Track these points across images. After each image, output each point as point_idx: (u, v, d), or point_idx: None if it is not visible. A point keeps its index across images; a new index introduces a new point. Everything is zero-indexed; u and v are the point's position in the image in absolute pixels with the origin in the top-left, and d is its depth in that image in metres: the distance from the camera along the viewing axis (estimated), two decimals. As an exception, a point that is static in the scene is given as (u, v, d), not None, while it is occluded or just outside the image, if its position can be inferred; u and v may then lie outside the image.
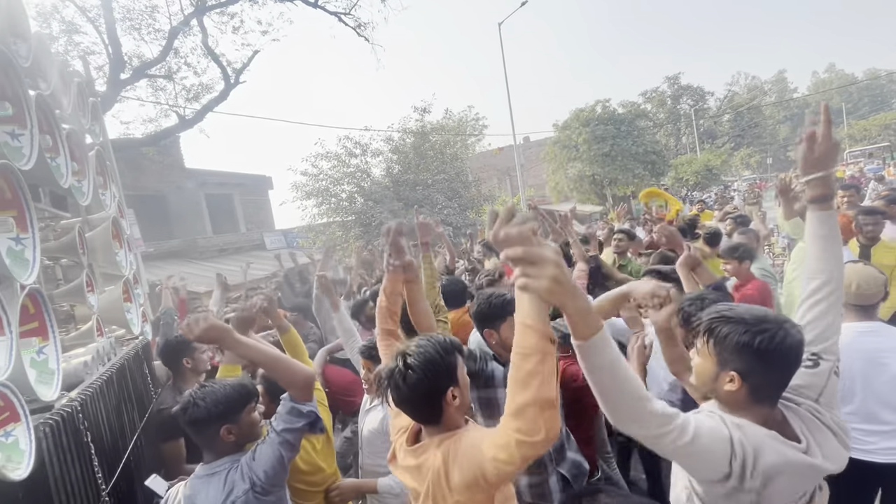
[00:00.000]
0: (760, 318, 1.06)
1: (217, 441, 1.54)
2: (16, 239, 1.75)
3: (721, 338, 1.08)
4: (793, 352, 1.04)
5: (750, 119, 40.15)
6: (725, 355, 1.07)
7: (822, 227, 1.18)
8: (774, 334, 1.02)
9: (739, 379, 1.06)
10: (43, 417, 1.60)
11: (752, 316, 1.07)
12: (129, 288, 3.24)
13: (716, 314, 1.11)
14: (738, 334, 1.05)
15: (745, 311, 1.09)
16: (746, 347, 1.04)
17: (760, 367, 1.04)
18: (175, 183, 14.96)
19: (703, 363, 1.13)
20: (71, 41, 9.75)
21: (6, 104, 1.82)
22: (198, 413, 1.50)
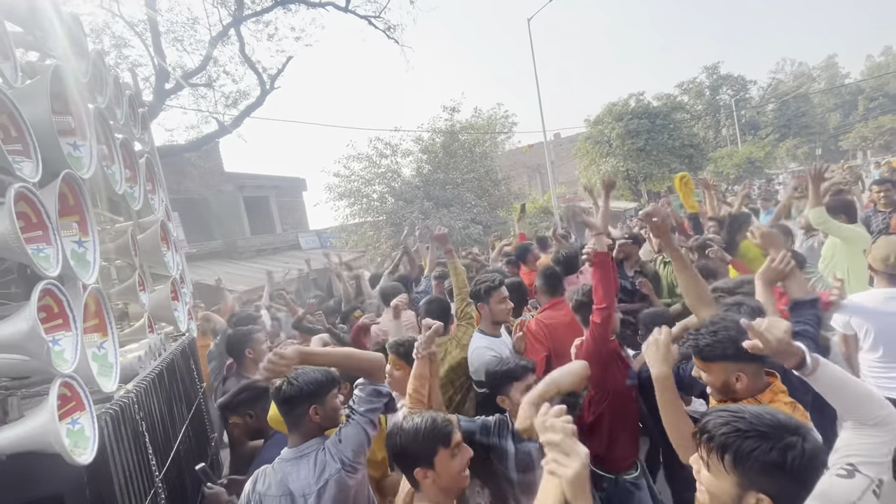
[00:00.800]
0: (779, 427, 0.95)
1: (305, 420, 1.66)
2: (78, 242, 1.89)
3: (744, 456, 0.94)
4: (819, 460, 0.96)
5: (797, 108, 37.93)
6: (751, 476, 0.94)
7: (824, 384, 1.15)
8: (803, 448, 0.93)
9: (770, 501, 0.94)
10: (104, 407, 1.73)
11: (768, 425, 0.95)
12: (177, 287, 3.43)
13: (727, 427, 0.97)
14: (764, 452, 0.93)
15: (757, 418, 0.97)
16: (777, 468, 0.92)
17: (792, 486, 0.94)
18: (215, 186, 15.63)
19: (720, 484, 0.98)
20: (120, 55, 10.37)
21: (69, 118, 1.97)
22: (291, 391, 1.64)
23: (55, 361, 1.45)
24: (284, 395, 1.64)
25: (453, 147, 15.13)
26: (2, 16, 1.67)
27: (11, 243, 1.34)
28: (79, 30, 2.40)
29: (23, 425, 1.40)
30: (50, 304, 1.54)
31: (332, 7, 11.02)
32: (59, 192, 1.73)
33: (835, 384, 1.13)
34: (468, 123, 17.66)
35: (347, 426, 1.63)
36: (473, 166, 15.01)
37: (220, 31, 10.37)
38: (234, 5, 10.24)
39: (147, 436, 2.03)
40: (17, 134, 1.56)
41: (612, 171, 21.01)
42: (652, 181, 20.75)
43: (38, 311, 1.42)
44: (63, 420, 1.47)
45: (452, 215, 13.49)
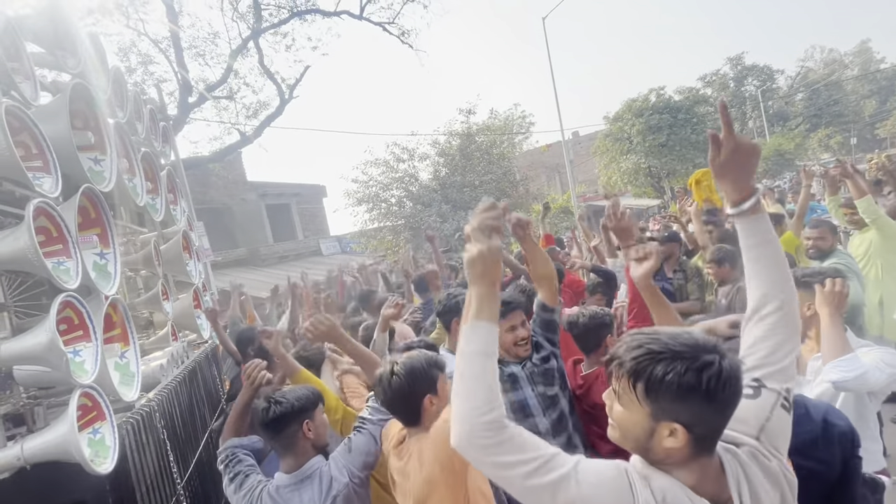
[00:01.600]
0: (694, 346, 0.84)
1: (298, 439, 1.56)
2: (100, 254, 1.94)
3: (656, 382, 0.82)
4: (739, 383, 0.84)
5: (828, 96, 36.42)
6: (664, 404, 0.83)
7: (748, 236, 1.01)
8: (720, 366, 0.81)
9: (685, 432, 0.83)
10: (125, 416, 1.77)
11: (683, 345, 0.84)
12: (199, 295, 3.50)
13: (639, 349, 0.85)
14: (678, 374, 0.81)
15: (672, 337, 0.85)
16: (692, 390, 0.80)
17: (710, 412, 0.83)
18: (239, 195, 16.03)
19: (630, 416, 0.87)
20: (147, 71, 10.76)
21: (89, 134, 2.03)
22: (282, 409, 1.54)
23: (75, 372, 1.48)
24: (275, 414, 1.53)
25: (470, 149, 15.09)
26: (23, 38, 1.72)
27: (31, 257, 1.37)
28: (99, 48, 2.47)
29: (45, 435, 1.43)
30: (70, 316, 1.58)
31: (347, 15, 11.18)
32: (79, 206, 1.78)
33: (767, 237, 1.00)
34: (484, 125, 17.59)
35: (358, 435, 1.60)
36: (491, 168, 14.93)
37: (240, 44, 10.66)
38: (253, 18, 10.51)
39: (169, 443, 2.06)
40: (38, 151, 1.61)
41: (633, 168, 20.60)
42: (675, 177, 20.22)
43: (58, 323, 1.45)
44: (84, 430, 1.50)
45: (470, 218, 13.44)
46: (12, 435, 1.61)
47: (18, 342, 1.44)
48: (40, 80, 1.93)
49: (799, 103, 37.84)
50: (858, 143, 33.95)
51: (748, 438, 0.90)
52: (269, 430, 1.57)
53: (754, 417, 0.91)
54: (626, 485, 0.85)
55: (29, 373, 1.68)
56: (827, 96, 36.41)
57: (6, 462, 1.41)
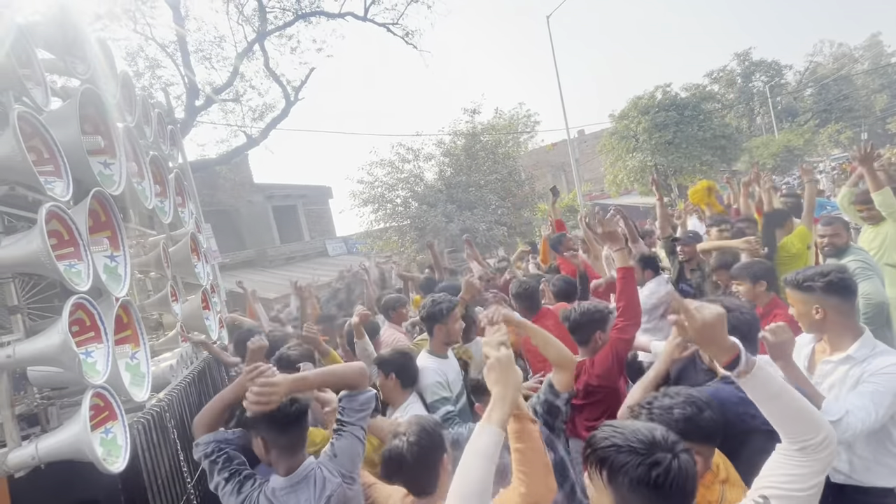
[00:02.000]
0: (651, 443, 0.93)
1: (303, 441, 1.57)
2: (110, 257, 1.97)
3: (615, 472, 0.92)
4: (689, 484, 0.92)
5: (838, 91, 35.92)
6: (623, 493, 0.92)
7: (752, 394, 1.03)
8: (670, 465, 0.90)
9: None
10: (136, 416, 1.79)
11: (641, 441, 0.93)
12: (207, 297, 3.53)
13: (605, 441, 0.96)
14: (632, 468, 0.90)
15: (633, 433, 0.95)
16: (642, 484, 0.89)
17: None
18: (246, 197, 16.15)
19: (600, 498, 0.97)
20: (154, 75, 10.89)
21: (98, 138, 2.06)
22: (300, 408, 1.53)
23: (87, 373, 1.51)
24: (297, 411, 1.52)
25: (475, 149, 15.09)
26: (34, 45, 1.76)
27: (43, 260, 1.40)
28: (108, 54, 2.51)
29: (59, 435, 1.46)
30: (82, 318, 1.61)
31: (352, 17, 11.22)
32: (90, 209, 1.81)
33: (770, 392, 1.01)
34: (489, 124, 17.60)
35: (340, 439, 1.56)
36: (496, 167, 14.93)
37: (246, 47, 10.73)
38: (258, 21, 10.58)
39: (179, 443, 2.09)
40: (49, 155, 1.63)
41: (639, 166, 20.47)
42: (682, 175, 20.07)
43: (70, 324, 1.48)
44: (96, 429, 1.53)
45: (476, 217, 13.45)
46: (27, 435, 1.64)
47: (32, 343, 1.47)
48: (51, 85, 1.97)
49: (808, 99, 37.39)
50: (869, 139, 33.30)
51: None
52: (281, 427, 1.52)
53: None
54: None
55: (42, 374, 1.72)
56: (836, 91, 35.94)
57: (21, 461, 1.43)
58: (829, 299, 1.68)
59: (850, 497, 1.68)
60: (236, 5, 10.49)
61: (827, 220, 3.19)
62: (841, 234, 3.02)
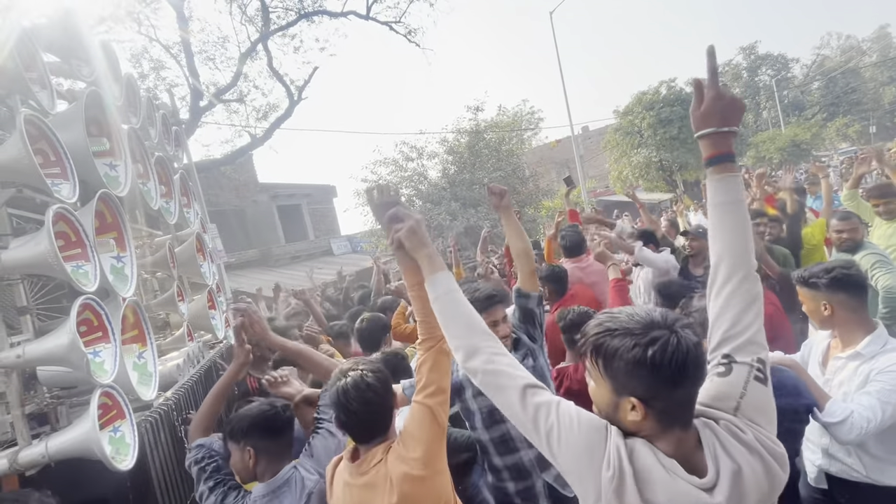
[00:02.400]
0: (647, 324, 0.86)
1: (290, 446, 1.60)
2: (117, 257, 1.99)
3: (610, 357, 0.87)
4: (691, 358, 0.84)
5: (846, 84, 35.56)
6: (620, 378, 0.87)
7: (717, 193, 1.00)
8: (667, 341, 0.83)
9: (642, 406, 0.86)
10: (144, 415, 1.81)
11: (637, 322, 0.87)
12: (213, 296, 3.56)
13: (599, 326, 0.90)
14: (626, 349, 0.85)
15: (629, 316, 0.89)
16: (640, 366, 0.83)
17: (662, 387, 0.84)
18: (250, 197, 16.23)
19: (599, 391, 0.93)
20: (159, 77, 10.95)
21: (104, 140, 2.08)
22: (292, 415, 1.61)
23: (95, 372, 1.52)
24: (289, 418, 1.59)
25: (478, 147, 15.08)
26: (39, 48, 1.77)
27: (51, 261, 1.42)
28: (112, 56, 2.53)
29: (68, 433, 1.48)
30: (90, 318, 1.63)
31: (354, 16, 11.23)
32: (96, 211, 1.82)
33: (738, 196, 1.00)
34: (493, 122, 17.56)
35: (316, 437, 1.58)
36: (500, 165, 14.91)
37: (249, 47, 10.77)
38: (261, 21, 10.61)
39: (186, 441, 2.11)
40: (56, 158, 1.65)
41: (644, 161, 20.36)
42: (687, 170, 19.95)
43: (78, 324, 1.50)
44: (105, 428, 1.55)
45: (480, 215, 13.45)
46: (37, 433, 1.67)
47: (41, 344, 1.49)
48: (56, 88, 1.99)
49: (815, 92, 37.03)
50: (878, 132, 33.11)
51: (724, 414, 0.91)
52: (276, 433, 1.55)
53: (728, 394, 0.92)
54: (602, 427, 0.90)
55: (51, 373, 1.74)
56: (844, 84, 35.57)
57: (31, 459, 1.46)
58: (836, 295, 1.68)
59: (865, 496, 1.66)
60: (239, 6, 10.54)
61: (843, 215, 3.15)
62: (858, 229, 3.00)
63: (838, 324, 1.72)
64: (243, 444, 1.52)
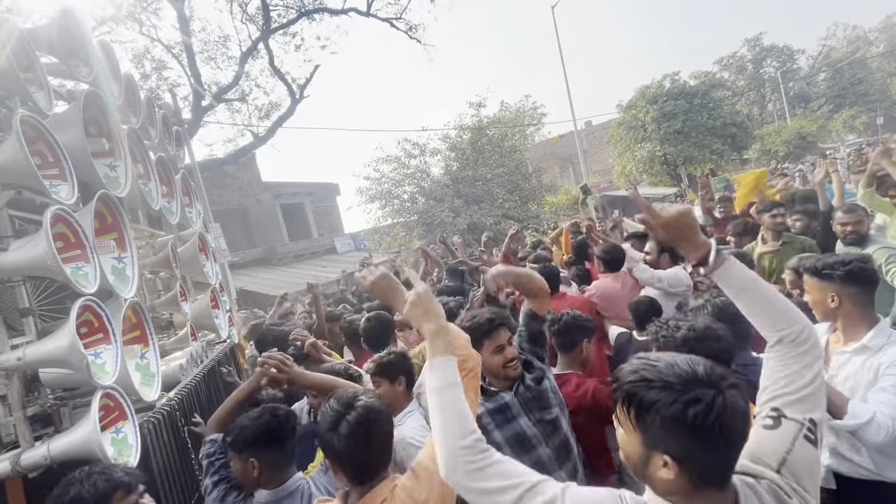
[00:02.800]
0: (689, 379, 0.79)
1: (293, 455, 1.59)
2: (117, 258, 1.99)
3: (645, 409, 0.80)
4: (737, 422, 0.78)
5: (852, 75, 35.13)
6: (654, 433, 0.80)
7: (726, 287, 1.01)
8: (713, 403, 0.76)
9: (675, 465, 0.79)
10: (146, 416, 1.81)
11: (678, 376, 0.80)
12: (217, 296, 3.56)
13: (635, 374, 0.83)
14: (665, 406, 0.78)
15: (669, 367, 0.82)
16: (678, 424, 0.77)
17: (700, 448, 0.78)
18: (254, 196, 16.27)
19: (628, 440, 0.86)
20: (161, 77, 10.97)
21: (103, 140, 2.07)
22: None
23: (96, 374, 1.52)
24: (292, 427, 1.57)
25: (481, 143, 15.00)
26: (36, 49, 1.76)
27: (50, 263, 1.41)
28: (111, 56, 2.52)
29: (70, 435, 1.48)
30: (90, 320, 1.62)
31: (355, 13, 11.19)
32: (96, 211, 1.82)
33: (742, 284, 0.99)
34: (495, 118, 17.47)
35: None
36: (503, 161, 14.84)
37: (250, 46, 10.76)
38: (262, 20, 10.59)
39: (190, 441, 2.11)
40: (54, 159, 1.65)
41: (648, 156, 20.21)
42: (692, 164, 19.79)
43: (78, 326, 1.49)
44: (107, 429, 1.54)
45: (483, 212, 13.40)
46: (40, 435, 1.67)
47: (41, 346, 1.49)
48: (56, 89, 1.98)
49: (821, 84, 36.63)
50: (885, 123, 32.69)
51: (768, 472, 0.85)
52: (280, 442, 1.53)
53: (774, 449, 0.87)
54: (617, 498, 0.85)
55: (54, 375, 1.74)
56: (851, 75, 35.14)
57: (34, 461, 1.46)
58: (848, 288, 1.66)
59: (877, 493, 1.64)
60: (240, 4, 10.53)
61: (848, 207, 3.11)
62: (863, 221, 2.96)
63: (843, 316, 1.70)
64: (246, 456, 1.50)
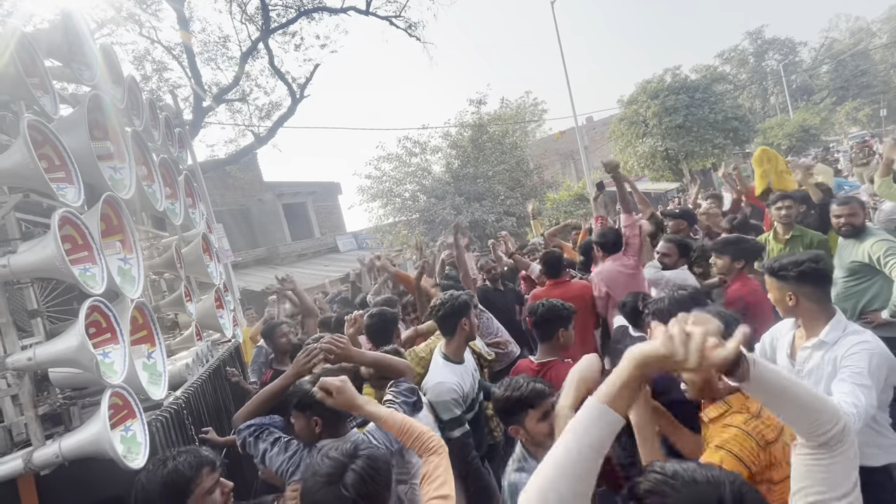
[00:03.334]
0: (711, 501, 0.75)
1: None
2: (123, 259, 2.01)
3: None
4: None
5: (855, 67, 34.93)
6: None
7: (757, 392, 0.91)
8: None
9: None
10: (154, 414, 1.84)
11: (700, 498, 0.75)
12: (221, 296, 3.59)
13: (654, 495, 0.79)
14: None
15: (692, 492, 0.77)
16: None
17: None
18: (256, 196, 16.33)
19: None
20: (161, 78, 10.99)
21: (108, 143, 2.10)
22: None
23: (105, 373, 1.55)
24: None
25: (482, 140, 15.01)
26: (39, 53, 1.79)
27: (58, 265, 1.44)
28: (114, 59, 2.54)
29: (80, 433, 1.51)
30: (98, 320, 1.65)
31: (354, 11, 11.18)
32: (102, 214, 1.84)
33: (775, 391, 0.89)
34: (496, 115, 17.47)
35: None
36: (503, 158, 14.84)
37: (250, 46, 10.76)
38: (262, 20, 10.60)
39: (197, 438, 2.14)
40: (60, 162, 1.67)
41: (649, 151, 20.16)
42: (694, 159, 19.74)
43: (87, 326, 1.52)
44: (116, 428, 1.57)
45: (484, 209, 13.41)
46: (51, 434, 1.70)
47: (51, 346, 1.52)
48: (60, 92, 2.00)
49: (824, 76, 36.43)
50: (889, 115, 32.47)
51: None
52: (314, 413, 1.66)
53: None
54: None
55: (63, 375, 1.77)
56: (854, 67, 34.93)
57: (45, 459, 1.48)
58: (803, 287, 1.74)
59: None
60: (239, 4, 10.52)
61: (843, 199, 3.09)
62: (858, 213, 2.95)
63: (802, 314, 1.79)
64: (310, 414, 1.66)
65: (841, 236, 3.00)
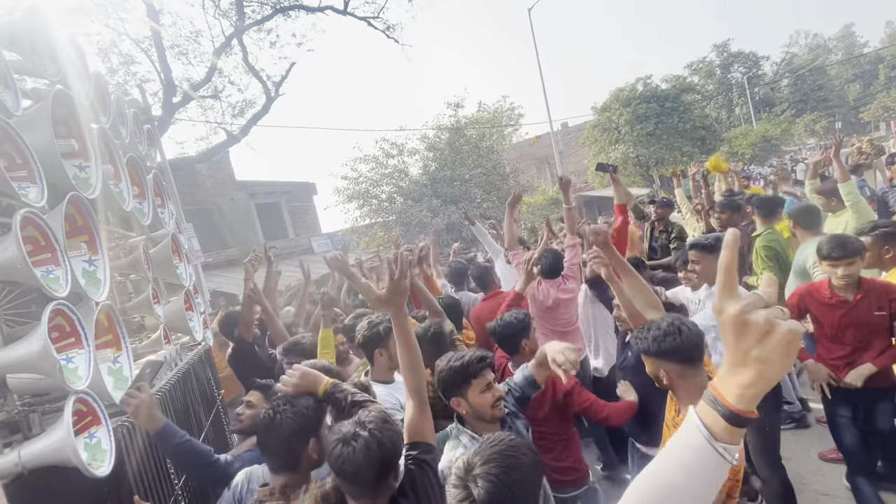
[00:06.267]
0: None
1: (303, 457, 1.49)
2: (89, 261, 1.95)
3: None
4: None
5: (813, 81, 36.88)
6: None
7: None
8: None
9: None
10: (120, 420, 1.79)
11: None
12: (190, 298, 3.50)
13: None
14: None
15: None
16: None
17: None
18: (228, 195, 15.89)
19: None
20: (129, 72, 10.60)
21: (73, 141, 2.03)
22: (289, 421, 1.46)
23: (69, 378, 1.50)
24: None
25: (459, 143, 15.10)
26: (2, 46, 1.72)
27: (20, 267, 1.39)
28: (79, 53, 2.45)
29: (42, 441, 1.45)
30: (62, 324, 1.60)
31: (331, 10, 11.08)
32: (66, 214, 1.78)
33: None
34: (473, 118, 17.60)
35: None
36: (480, 161, 14.97)
37: (223, 42, 10.51)
38: (236, 16, 10.37)
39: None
40: (22, 160, 1.61)
41: (622, 157, 20.73)
42: (663, 166, 20.41)
43: (50, 330, 1.47)
44: (80, 434, 1.52)
45: (461, 212, 13.49)
46: (9, 442, 1.63)
47: (11, 351, 1.46)
48: (21, 87, 1.92)
49: (784, 89, 38.31)
50: (844, 127, 34.44)
51: None
52: (279, 441, 1.48)
53: None
54: None
55: (23, 381, 1.70)
56: (812, 81, 36.91)
57: (4, 468, 1.43)
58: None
59: None
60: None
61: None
62: None
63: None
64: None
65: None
